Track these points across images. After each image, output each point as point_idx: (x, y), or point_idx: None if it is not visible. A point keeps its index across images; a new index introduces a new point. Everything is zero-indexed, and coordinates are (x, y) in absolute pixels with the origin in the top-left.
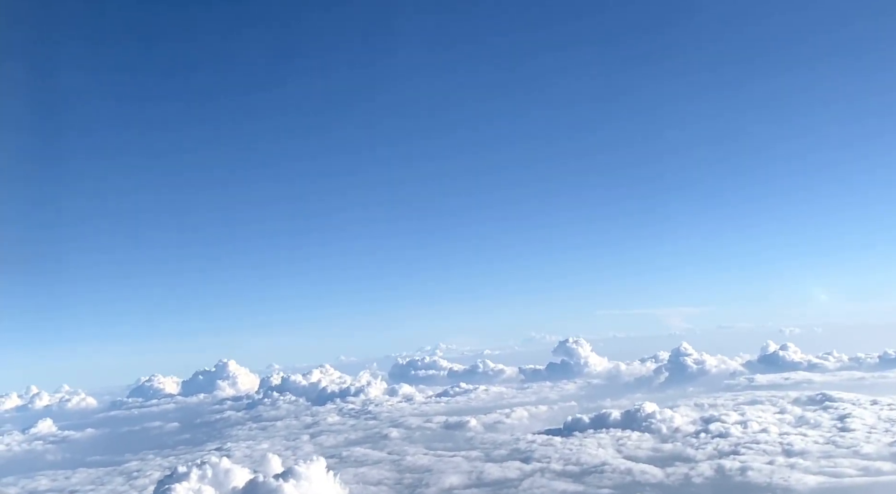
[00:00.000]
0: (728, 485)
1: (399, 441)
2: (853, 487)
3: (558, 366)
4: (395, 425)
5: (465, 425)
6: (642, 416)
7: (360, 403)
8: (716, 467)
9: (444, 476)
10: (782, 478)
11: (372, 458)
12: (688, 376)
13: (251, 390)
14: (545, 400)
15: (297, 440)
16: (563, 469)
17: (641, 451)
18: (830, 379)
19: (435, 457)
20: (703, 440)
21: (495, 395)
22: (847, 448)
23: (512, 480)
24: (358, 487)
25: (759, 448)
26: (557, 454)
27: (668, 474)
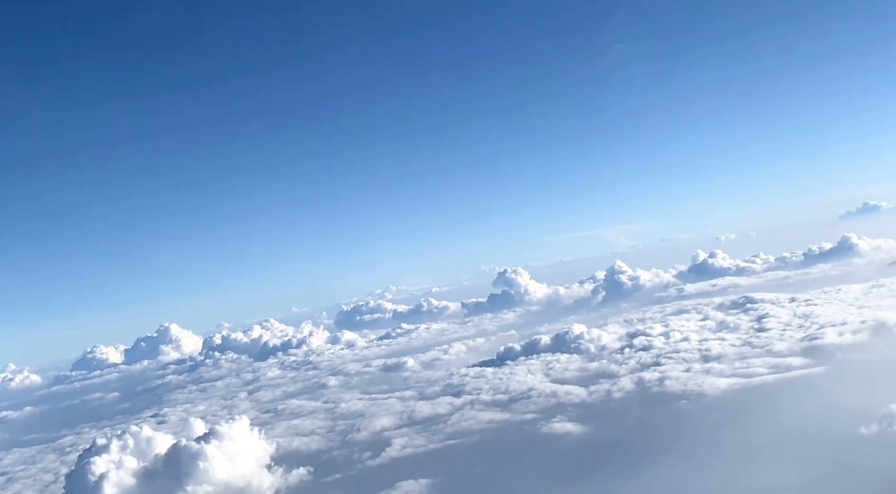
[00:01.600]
0: (646, 396)
1: (336, 389)
2: (762, 385)
3: (499, 297)
4: (335, 373)
5: (403, 366)
6: (571, 338)
7: (303, 354)
8: (636, 380)
9: (376, 419)
10: (696, 384)
11: (307, 409)
12: (623, 293)
13: (195, 352)
14: (484, 333)
15: (235, 398)
16: (493, 399)
17: (569, 373)
18: (756, 281)
19: (370, 401)
20: (627, 355)
21: (436, 332)
22: (761, 348)
23: (442, 415)
24: (288, 440)
25: (679, 356)
26: (488, 384)
27: (591, 392)
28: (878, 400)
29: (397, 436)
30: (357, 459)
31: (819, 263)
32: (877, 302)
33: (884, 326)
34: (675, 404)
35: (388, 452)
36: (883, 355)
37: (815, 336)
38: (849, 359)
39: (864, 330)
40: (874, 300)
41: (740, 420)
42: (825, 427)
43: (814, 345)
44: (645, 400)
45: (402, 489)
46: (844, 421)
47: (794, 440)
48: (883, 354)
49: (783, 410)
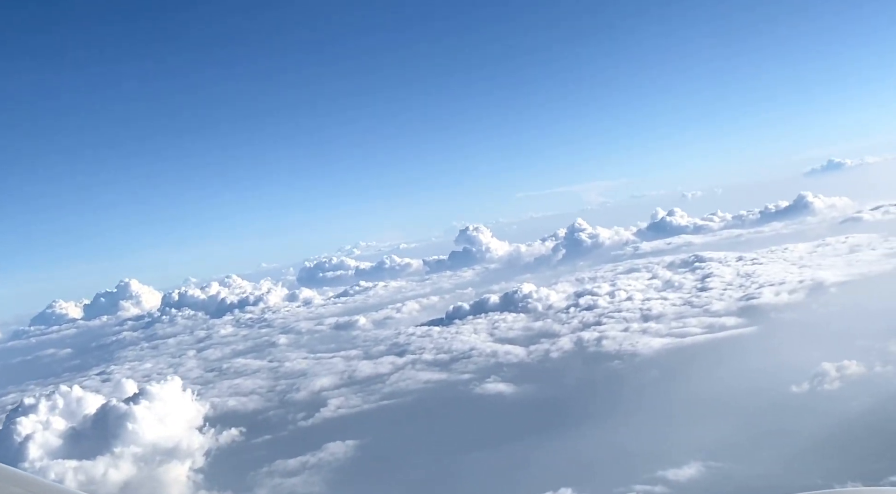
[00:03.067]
0: (582, 356)
1: (284, 348)
2: (693, 345)
3: (460, 255)
4: (286, 331)
5: (355, 324)
6: (519, 297)
7: (259, 312)
8: (576, 340)
9: (318, 378)
10: (631, 344)
11: (251, 368)
12: (583, 251)
13: (155, 308)
14: (440, 291)
15: (183, 356)
16: (434, 359)
17: (513, 332)
18: (710, 239)
19: (314, 360)
20: (571, 314)
21: (394, 290)
22: (700, 308)
23: (382, 375)
24: (226, 400)
25: (620, 316)
26: (432, 344)
27: (530, 352)
28: (810, 358)
29: (334, 397)
30: (291, 419)
31: (773, 221)
32: (819, 262)
33: (821, 286)
34: (608, 364)
35: (322, 413)
36: (817, 314)
37: (752, 295)
38: (782, 319)
39: (800, 289)
40: (817, 259)
41: (669, 380)
42: (756, 386)
43: (750, 305)
44: (580, 360)
45: (329, 450)
46: (775, 380)
47: (722, 399)
48: (817, 314)
49: (712, 370)
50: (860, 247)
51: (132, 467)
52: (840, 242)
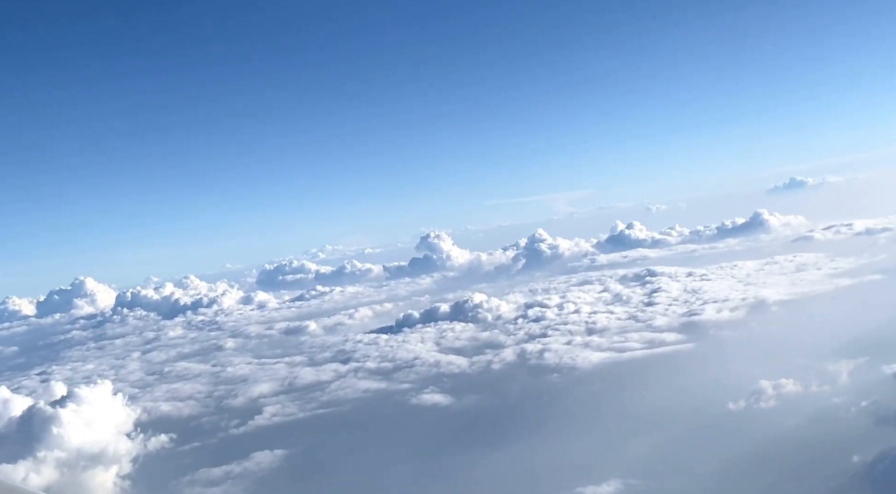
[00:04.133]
0: (522, 369)
1: (231, 352)
2: (631, 360)
3: (421, 262)
4: (235, 335)
5: (305, 329)
6: (470, 307)
7: (212, 314)
8: (519, 351)
9: (258, 384)
10: (571, 358)
11: (193, 372)
12: (542, 261)
13: (109, 308)
14: (395, 298)
15: (127, 358)
16: (377, 367)
17: (459, 342)
18: (666, 254)
19: (258, 366)
20: (519, 325)
21: (350, 296)
22: (643, 323)
23: (323, 383)
24: (162, 404)
25: (566, 328)
26: (378, 352)
27: (473, 363)
28: (748, 376)
29: (271, 404)
30: (223, 427)
31: (729, 238)
32: (764, 280)
33: (763, 304)
34: (546, 377)
35: (255, 420)
36: (756, 332)
37: (695, 312)
38: (721, 336)
39: (742, 307)
40: (763, 277)
41: (604, 395)
42: (691, 403)
43: (691, 321)
44: (520, 372)
45: (255, 459)
46: (712, 398)
47: (656, 416)
48: (756, 332)
49: (648, 386)
50: (806, 266)
51: (55, 472)
52: (788, 260)
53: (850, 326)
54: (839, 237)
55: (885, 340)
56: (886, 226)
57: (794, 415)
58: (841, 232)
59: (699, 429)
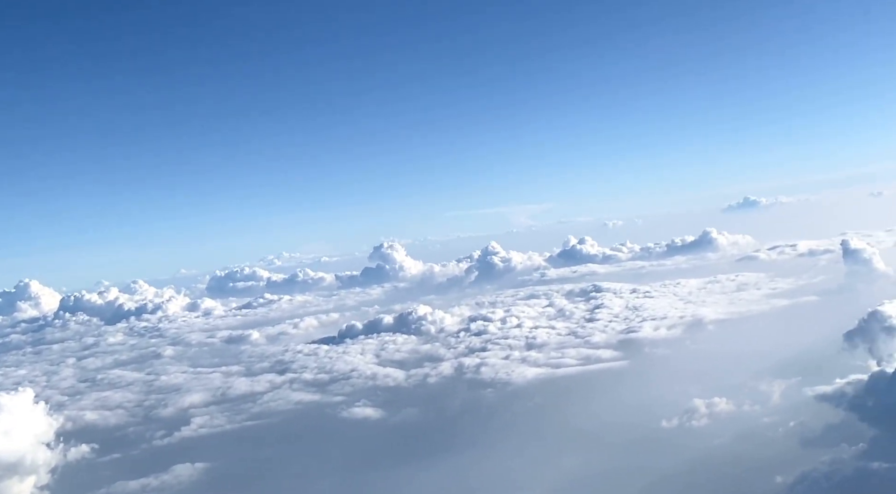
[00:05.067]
0: (458, 382)
1: (168, 361)
2: (565, 377)
3: (373, 271)
4: (176, 343)
5: (247, 338)
6: (413, 319)
7: (156, 321)
8: (457, 365)
9: (190, 394)
10: (506, 373)
11: (126, 380)
12: (495, 274)
13: (52, 311)
14: (343, 308)
15: (62, 364)
16: (314, 379)
17: (399, 354)
18: (614, 270)
19: (193, 375)
20: (461, 339)
21: (298, 305)
22: (582, 339)
23: (256, 394)
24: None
25: (506, 343)
26: (316, 363)
27: (410, 376)
28: (683, 394)
29: (200, 415)
30: (148, 437)
31: (677, 255)
32: (704, 298)
33: (700, 322)
34: (480, 392)
35: (182, 431)
36: (692, 351)
37: (633, 329)
38: (656, 354)
39: (680, 325)
40: (704, 295)
41: (536, 412)
42: (624, 420)
43: (629, 338)
44: (454, 386)
45: (175, 472)
46: (646, 415)
47: (586, 432)
48: (692, 350)
49: (580, 403)
50: (747, 286)
51: None
52: (730, 280)
53: (783, 347)
54: (783, 257)
55: (816, 361)
56: (829, 247)
57: (725, 434)
58: (785, 252)
59: (631, 446)
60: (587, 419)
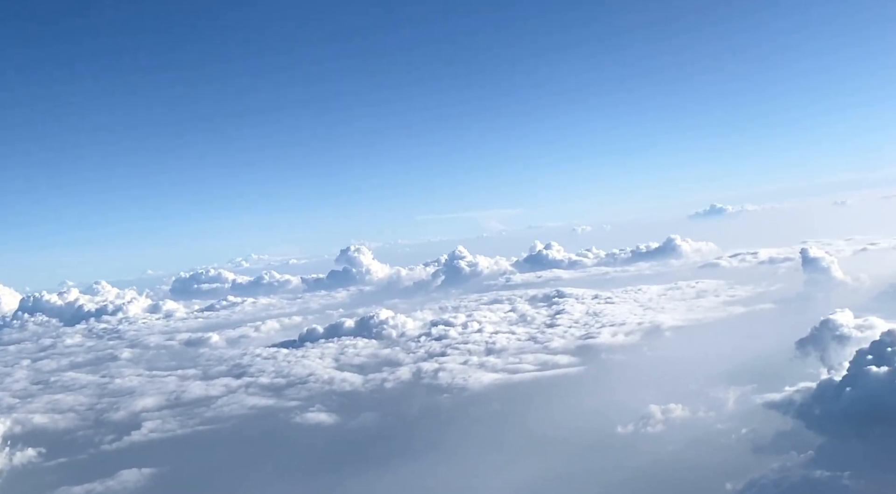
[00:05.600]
0: (415, 387)
1: (124, 363)
2: (521, 382)
3: (339, 274)
4: (134, 345)
5: (207, 341)
6: (375, 323)
7: (116, 322)
8: (415, 370)
9: (143, 398)
10: (463, 378)
11: (80, 383)
12: (461, 278)
13: (10, 312)
14: (307, 311)
15: (16, 366)
16: (270, 383)
17: (359, 359)
18: (579, 275)
19: (148, 378)
20: (421, 343)
21: (261, 307)
22: (541, 344)
23: (211, 398)
24: (40, 416)
25: (465, 348)
26: (274, 367)
27: (367, 381)
28: (640, 400)
29: (152, 419)
30: (97, 442)
31: (641, 261)
32: (664, 305)
33: (658, 329)
34: (436, 397)
35: (132, 436)
36: (648, 357)
37: (591, 335)
38: (612, 360)
39: (637, 331)
40: (664, 302)
41: (491, 417)
42: (580, 426)
43: (586, 344)
44: (411, 392)
45: (121, 478)
46: (602, 421)
47: (539, 439)
48: (648, 356)
49: (536, 409)
50: (706, 293)
51: None
52: (690, 287)
53: (738, 354)
54: (743, 265)
55: (771, 369)
56: (789, 255)
57: (679, 440)
58: (746, 260)
59: (586, 452)
60: (542, 425)
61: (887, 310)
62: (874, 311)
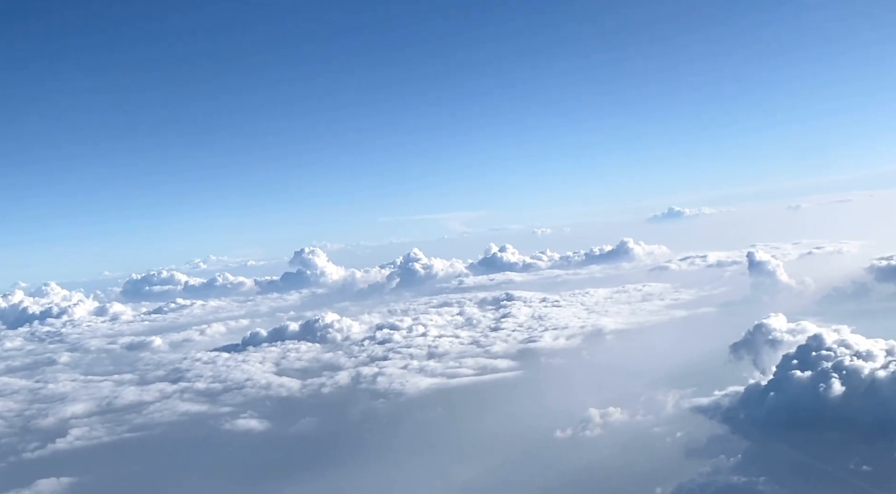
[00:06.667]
0: (352, 392)
1: (62, 368)
2: (458, 387)
3: (293, 276)
4: (75, 349)
5: (149, 345)
6: (320, 326)
7: (60, 325)
8: (354, 375)
9: (74, 404)
10: (400, 383)
11: (12, 388)
12: (416, 281)
13: None
14: (255, 314)
15: None
16: (206, 388)
17: (300, 363)
18: (532, 278)
19: (83, 383)
20: (364, 347)
21: (211, 310)
22: (483, 348)
23: (144, 404)
24: None
25: (407, 352)
26: (212, 372)
27: (305, 386)
28: (581, 404)
29: (80, 425)
30: (20, 449)
31: (594, 264)
32: (608, 308)
33: (599, 332)
34: (372, 403)
35: (57, 443)
36: (587, 361)
37: (533, 339)
38: (551, 364)
39: (579, 335)
40: (610, 305)
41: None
42: (519, 431)
43: (527, 348)
44: (348, 397)
45: (38, 487)
46: (540, 425)
47: (479, 443)
48: (587, 360)
49: (474, 413)
50: (651, 297)
51: None
52: (637, 290)
53: (678, 357)
54: (692, 268)
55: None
56: (737, 259)
57: (615, 445)
58: (695, 263)
59: (521, 457)
60: (479, 430)
61: (828, 314)
62: (816, 315)
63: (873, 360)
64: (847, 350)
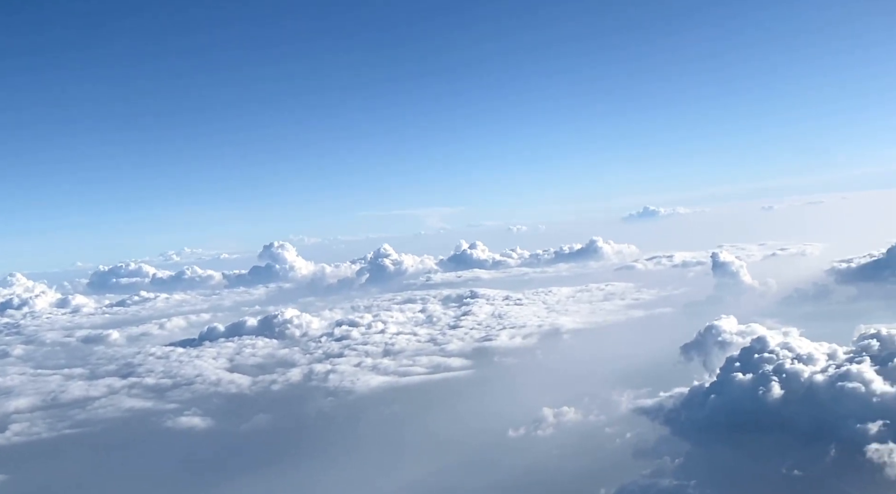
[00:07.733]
0: (302, 390)
1: (13, 361)
2: (408, 386)
3: (262, 271)
4: (30, 341)
5: (106, 338)
6: (279, 322)
7: (20, 317)
8: (307, 372)
9: (18, 398)
10: (351, 381)
11: None
12: (386, 276)
13: None
14: (218, 308)
15: None
16: (155, 384)
17: (254, 359)
18: (499, 275)
19: (32, 377)
20: (321, 344)
21: (175, 303)
22: (439, 346)
23: (90, 399)
24: None
25: (363, 349)
26: (164, 367)
27: (256, 382)
28: (534, 403)
29: (21, 421)
30: None
31: (562, 263)
32: (569, 307)
33: (556, 332)
34: (320, 401)
35: None
36: (542, 360)
37: (489, 337)
38: (504, 363)
39: (536, 334)
40: (571, 304)
41: (376, 421)
42: (471, 430)
43: (483, 347)
44: (297, 394)
45: None
46: (492, 425)
47: (427, 443)
48: (542, 359)
49: (424, 412)
50: (613, 296)
51: None
52: (599, 289)
53: (633, 357)
54: (658, 268)
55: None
56: (702, 259)
57: (566, 444)
58: (662, 263)
59: (472, 457)
60: (427, 429)
61: (785, 315)
62: (774, 316)
63: (814, 364)
64: (789, 353)
